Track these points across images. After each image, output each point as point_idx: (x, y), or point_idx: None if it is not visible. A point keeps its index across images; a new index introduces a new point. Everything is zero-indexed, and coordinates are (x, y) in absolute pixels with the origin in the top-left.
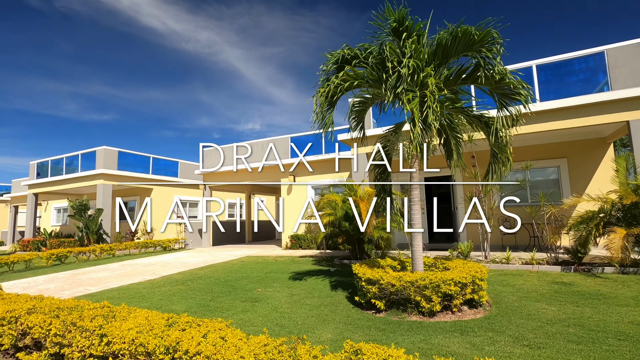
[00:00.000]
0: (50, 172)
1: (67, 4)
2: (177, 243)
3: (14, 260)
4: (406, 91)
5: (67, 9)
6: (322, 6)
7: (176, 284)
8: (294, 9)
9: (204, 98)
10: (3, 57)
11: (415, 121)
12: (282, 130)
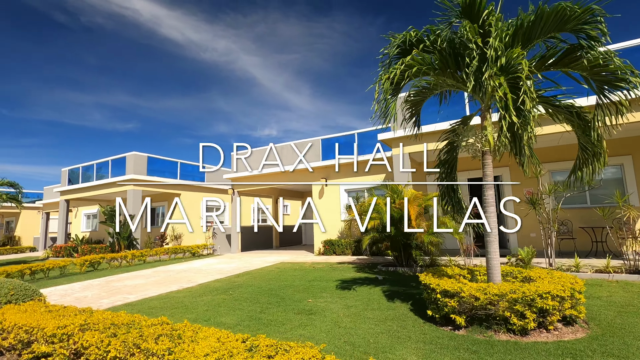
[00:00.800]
0: (81, 179)
1: (92, 19)
2: (206, 249)
3: (49, 266)
4: (495, 76)
5: (91, 23)
6: (336, 12)
7: (217, 292)
8: (309, 16)
9: (221, 105)
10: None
11: (509, 109)
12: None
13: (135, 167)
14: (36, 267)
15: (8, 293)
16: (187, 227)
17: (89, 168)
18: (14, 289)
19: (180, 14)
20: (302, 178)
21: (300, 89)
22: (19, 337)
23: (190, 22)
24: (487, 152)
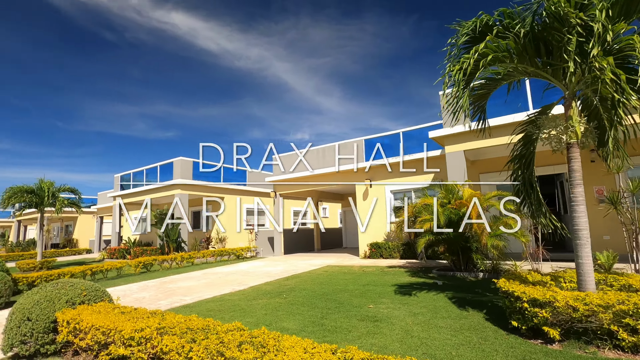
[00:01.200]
0: (132, 184)
1: (136, 35)
2: (249, 251)
3: (107, 268)
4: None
5: (135, 39)
6: (366, 14)
7: (270, 296)
8: (339, 19)
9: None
10: (83, 85)
11: (626, 92)
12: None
13: (182, 172)
14: (96, 268)
15: (81, 294)
16: (229, 229)
17: (139, 174)
18: (86, 289)
19: (215, 25)
20: (345, 179)
21: (331, 92)
22: (95, 338)
23: (225, 33)
24: (573, 145)
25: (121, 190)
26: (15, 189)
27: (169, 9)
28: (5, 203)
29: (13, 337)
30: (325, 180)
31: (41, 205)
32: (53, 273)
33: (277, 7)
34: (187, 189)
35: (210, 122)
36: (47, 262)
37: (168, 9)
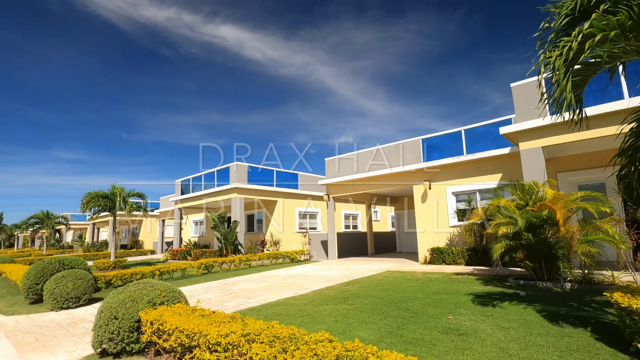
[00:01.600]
0: (191, 189)
1: (188, 49)
2: (303, 255)
3: (173, 268)
4: None
5: (188, 54)
6: (411, 13)
7: (335, 301)
8: (382, 20)
9: (299, 117)
10: (143, 99)
11: None
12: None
13: (238, 176)
14: (164, 269)
15: (160, 295)
16: (282, 232)
17: (198, 179)
18: (165, 290)
19: (260, 35)
20: (402, 181)
21: (374, 94)
22: (179, 341)
23: (270, 42)
24: None
25: (181, 195)
26: (92, 194)
27: (218, 23)
28: (85, 207)
29: (102, 335)
30: (379, 182)
31: (113, 209)
32: (126, 272)
33: (319, 12)
34: (243, 192)
35: (258, 129)
36: (119, 261)
37: (217, 23)
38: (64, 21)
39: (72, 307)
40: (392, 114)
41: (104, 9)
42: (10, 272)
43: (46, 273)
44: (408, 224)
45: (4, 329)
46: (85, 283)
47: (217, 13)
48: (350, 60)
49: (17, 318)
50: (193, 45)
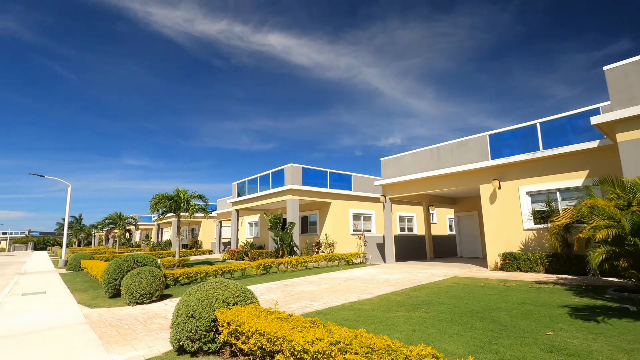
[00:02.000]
0: (248, 191)
1: (239, 59)
2: (359, 257)
3: (234, 268)
4: None
5: (238, 63)
6: (460, 6)
7: (405, 308)
8: (430, 16)
9: (346, 119)
10: (197, 108)
11: None
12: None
13: (292, 178)
14: (225, 268)
15: (234, 294)
16: (336, 234)
17: (253, 181)
18: (238, 290)
19: (306, 40)
20: (466, 181)
21: (422, 94)
22: (259, 344)
23: (315, 47)
24: None
25: (238, 197)
26: (159, 196)
27: (266, 32)
28: (153, 208)
29: (180, 333)
30: (441, 182)
31: (178, 210)
32: (191, 271)
33: (364, 14)
34: (297, 194)
35: (304, 132)
36: (183, 260)
37: (265, 32)
38: (130, 40)
39: (145, 302)
40: (441, 113)
41: (164, 27)
42: (91, 267)
43: (123, 269)
44: (471, 227)
45: (89, 320)
46: (157, 280)
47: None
48: (396, 60)
49: (100, 311)
50: (243, 55)
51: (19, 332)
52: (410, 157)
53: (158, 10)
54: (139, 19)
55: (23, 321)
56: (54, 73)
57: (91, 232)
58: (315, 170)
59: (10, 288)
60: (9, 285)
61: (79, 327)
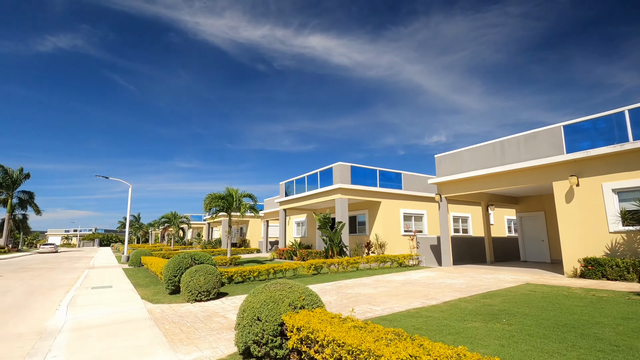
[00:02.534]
0: (295, 190)
1: (281, 62)
2: (411, 259)
3: (286, 267)
4: None
5: (281, 66)
6: None
7: (481, 318)
8: (476, 7)
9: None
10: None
11: None
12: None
13: (341, 177)
14: (277, 268)
15: (300, 297)
16: (387, 235)
17: (301, 180)
18: (303, 293)
19: (347, 40)
20: (536, 178)
21: (469, 89)
22: (336, 355)
23: (356, 46)
24: None
25: (285, 197)
26: (212, 195)
27: (307, 35)
28: (206, 207)
29: (246, 336)
30: (504, 179)
31: (229, 209)
32: (245, 269)
33: (406, 10)
34: (346, 193)
35: (346, 133)
36: (234, 258)
37: (306, 34)
38: (181, 50)
39: (203, 299)
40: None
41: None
42: (151, 263)
43: (181, 267)
44: (536, 229)
45: (153, 316)
46: (214, 278)
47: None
48: (440, 56)
49: (161, 307)
50: (285, 58)
51: (91, 325)
52: (468, 152)
53: (205, 19)
54: (189, 29)
55: (94, 314)
56: (116, 84)
57: (148, 230)
58: (364, 169)
59: (81, 281)
60: (80, 278)
61: (144, 323)
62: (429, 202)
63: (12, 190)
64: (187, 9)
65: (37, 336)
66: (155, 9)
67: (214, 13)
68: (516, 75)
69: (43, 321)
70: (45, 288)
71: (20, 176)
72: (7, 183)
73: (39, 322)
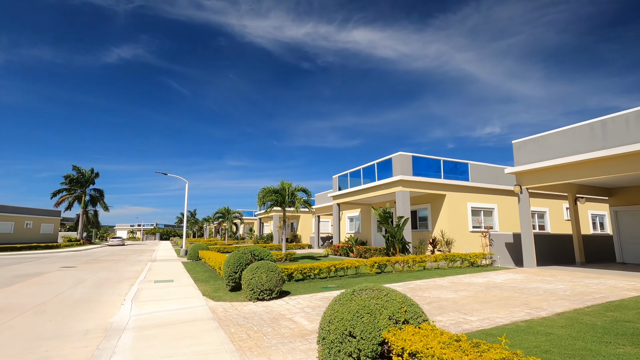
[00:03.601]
0: (350, 184)
1: (324, 59)
2: (484, 258)
3: (348, 265)
4: None
5: (324, 63)
6: None
7: (628, 339)
8: None
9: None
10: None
11: None
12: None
13: (402, 168)
14: (339, 265)
15: (401, 308)
16: (453, 231)
17: (356, 173)
18: (404, 302)
19: (391, 32)
20: None
21: (527, 75)
22: None
23: (401, 37)
24: None
25: (339, 190)
26: (266, 189)
27: (351, 29)
28: (261, 201)
29: (336, 355)
30: (605, 166)
31: (283, 204)
32: (305, 267)
33: None
34: (408, 185)
35: (392, 127)
36: (289, 254)
37: (350, 29)
38: (229, 52)
39: (266, 298)
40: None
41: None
42: (209, 258)
43: (241, 263)
44: (637, 225)
45: (216, 316)
46: (276, 276)
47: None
48: (493, 41)
49: (223, 305)
50: (329, 54)
51: (154, 324)
52: (557, 136)
53: (251, 22)
54: (236, 32)
55: (157, 311)
56: (171, 89)
57: (203, 225)
58: (426, 159)
59: (144, 274)
60: (144, 271)
61: (208, 324)
62: (500, 196)
63: (85, 187)
64: (234, 13)
65: (102, 334)
66: (205, 15)
67: (259, 15)
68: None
69: (109, 317)
70: (112, 280)
71: (92, 175)
72: (80, 181)
73: (105, 317)
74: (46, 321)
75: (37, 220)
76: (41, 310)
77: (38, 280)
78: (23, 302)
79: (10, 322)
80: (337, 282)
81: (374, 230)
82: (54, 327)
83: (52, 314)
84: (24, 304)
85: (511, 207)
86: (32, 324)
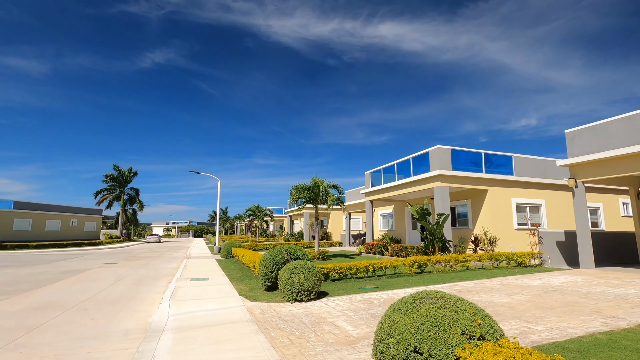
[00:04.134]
0: (383, 180)
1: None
2: (533, 258)
3: (386, 265)
4: None
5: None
6: None
7: None
8: None
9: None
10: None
11: None
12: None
13: (440, 162)
14: (377, 265)
15: (474, 321)
16: (496, 228)
17: (390, 169)
18: (475, 314)
19: (419, 24)
20: None
21: (565, 63)
22: None
23: (429, 29)
24: None
25: (372, 187)
26: (298, 187)
27: (377, 24)
28: (293, 198)
29: None
30: None
31: (315, 201)
32: (342, 266)
33: None
34: (447, 180)
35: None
36: (322, 252)
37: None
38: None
39: (304, 300)
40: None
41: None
42: (242, 256)
43: (277, 262)
44: None
45: (254, 318)
46: (314, 276)
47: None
48: (528, 28)
49: (261, 306)
50: (355, 50)
51: (193, 325)
52: (620, 123)
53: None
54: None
55: (195, 311)
56: (201, 90)
57: (234, 223)
58: (466, 152)
59: (180, 272)
60: (180, 268)
61: (247, 327)
62: (547, 190)
63: (124, 186)
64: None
65: (142, 334)
66: (232, 17)
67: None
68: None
69: (147, 316)
70: (150, 277)
71: (130, 174)
72: (119, 180)
73: (144, 316)
74: (88, 319)
75: (81, 218)
76: (83, 308)
77: (81, 277)
78: (67, 298)
79: (54, 319)
80: (375, 282)
81: (409, 228)
82: (95, 325)
83: (93, 312)
84: (68, 301)
85: (560, 203)
86: (75, 323)
